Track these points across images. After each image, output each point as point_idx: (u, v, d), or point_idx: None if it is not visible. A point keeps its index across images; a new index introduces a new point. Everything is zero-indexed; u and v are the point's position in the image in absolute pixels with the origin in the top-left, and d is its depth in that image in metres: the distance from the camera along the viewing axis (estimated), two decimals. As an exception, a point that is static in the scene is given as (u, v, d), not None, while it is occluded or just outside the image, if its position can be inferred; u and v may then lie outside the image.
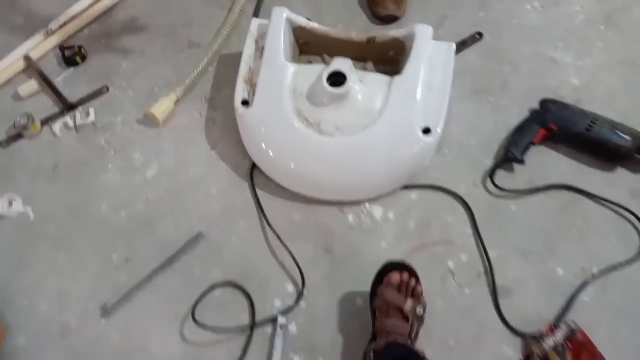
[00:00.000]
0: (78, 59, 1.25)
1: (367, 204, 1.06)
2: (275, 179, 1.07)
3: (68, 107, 1.21)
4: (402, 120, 1.01)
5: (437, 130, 1.02)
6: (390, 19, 1.24)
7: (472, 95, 1.15)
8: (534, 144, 1.06)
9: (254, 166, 1.10)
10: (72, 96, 1.23)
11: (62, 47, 1.26)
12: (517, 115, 1.12)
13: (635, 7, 1.21)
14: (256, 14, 1.29)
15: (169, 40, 1.29)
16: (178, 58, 1.26)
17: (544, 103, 1.08)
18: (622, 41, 1.18)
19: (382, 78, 1.04)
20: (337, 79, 1.01)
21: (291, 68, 1.05)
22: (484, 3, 1.25)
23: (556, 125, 1.05)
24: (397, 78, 1.02)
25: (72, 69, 1.27)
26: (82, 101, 1.22)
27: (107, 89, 1.23)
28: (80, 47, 1.26)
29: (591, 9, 1.22)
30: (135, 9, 1.33)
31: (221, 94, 1.21)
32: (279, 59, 1.05)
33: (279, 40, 1.07)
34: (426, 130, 1.02)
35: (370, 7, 1.26)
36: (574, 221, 1.02)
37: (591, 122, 1.03)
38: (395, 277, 0.89)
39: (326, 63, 1.15)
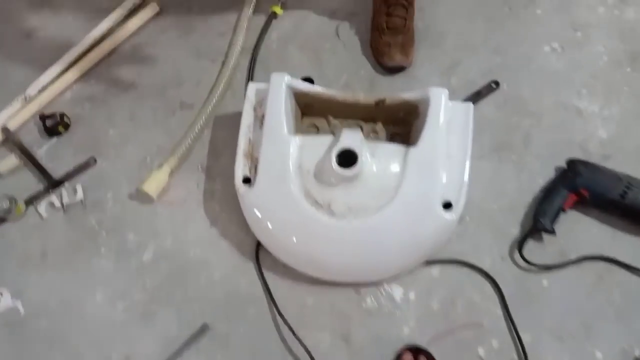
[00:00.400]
0: (61, 128, 1.15)
1: (385, 284, 0.98)
2: (284, 261, 0.98)
3: (53, 184, 1.11)
4: (420, 197, 0.92)
5: (459, 204, 0.93)
6: (397, 70, 1.14)
7: (492, 153, 1.06)
8: (564, 211, 0.97)
9: (259, 244, 1.02)
10: (56, 170, 1.13)
11: (42, 117, 1.15)
12: (542, 174, 1.03)
13: (663, 45, 1.12)
14: (251, 73, 1.18)
15: (159, 102, 1.18)
16: (170, 121, 1.16)
17: (572, 164, 0.99)
18: (650, 85, 1.09)
19: (396, 149, 0.95)
20: (347, 155, 0.92)
21: (296, 142, 0.96)
22: (499, 47, 1.15)
23: (588, 191, 0.96)
24: (412, 150, 0.93)
25: (55, 140, 1.16)
26: (69, 176, 1.12)
27: (95, 160, 1.14)
28: (62, 115, 1.16)
29: (615, 49, 1.12)
30: (120, 68, 1.23)
31: (219, 161, 1.11)
32: (281, 133, 0.96)
33: (280, 111, 0.97)
34: (447, 205, 0.93)
35: (376, 57, 1.16)
36: (611, 296, 0.94)
37: (626, 187, 0.94)
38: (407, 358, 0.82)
39: (332, 126, 1.06)
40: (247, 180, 0.98)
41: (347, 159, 0.92)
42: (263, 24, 1.22)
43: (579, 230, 0.99)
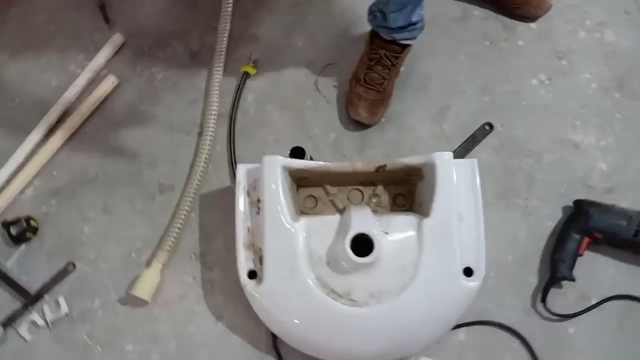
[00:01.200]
0: (29, 234, 1.03)
1: (412, 358, 0.94)
2: (307, 353, 0.92)
3: (31, 299, 0.99)
4: (440, 269, 0.87)
5: (480, 268, 0.89)
6: (364, 125, 1.09)
7: (497, 201, 1.03)
8: (580, 255, 0.96)
9: (275, 336, 0.95)
10: (32, 283, 1.01)
11: (5, 224, 1.02)
12: (551, 217, 1.01)
13: (645, 64, 1.12)
14: (232, 143, 1.09)
15: (134, 188, 1.08)
16: (150, 208, 1.06)
17: (580, 205, 0.98)
18: (640, 108, 1.08)
19: (408, 221, 0.89)
20: (360, 238, 0.86)
21: (301, 228, 0.89)
22: (486, 85, 1.11)
23: (601, 234, 0.94)
24: (427, 222, 0.88)
25: (23, 247, 1.04)
26: (47, 288, 1.01)
27: (74, 265, 1.02)
28: (28, 219, 1.03)
29: (601, 74, 1.11)
30: (82, 154, 1.10)
31: (213, 246, 1.03)
32: (284, 221, 0.88)
33: (279, 198, 0.89)
34: (467, 271, 0.89)
35: (346, 105, 1.10)
36: (637, 335, 0.94)
37: (638, 225, 0.93)
38: None
39: (330, 195, 1.00)
40: (252, 274, 0.91)
41: (361, 242, 0.86)
42: (236, 86, 1.13)
43: (596, 271, 0.97)
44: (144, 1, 1.24)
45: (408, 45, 1.06)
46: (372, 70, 1.06)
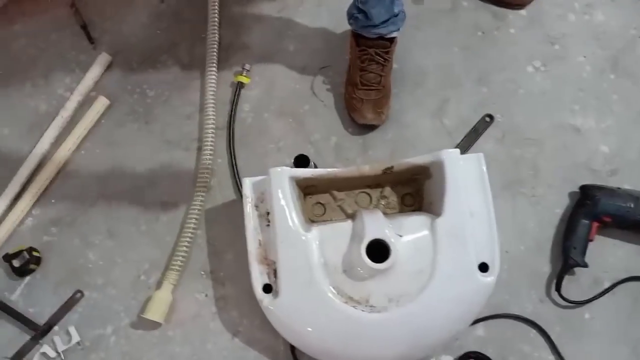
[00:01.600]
0: (32, 265, 1.00)
1: (433, 357, 0.94)
2: (327, 361, 0.92)
3: (41, 331, 0.97)
4: (457, 267, 0.87)
5: (495, 263, 0.88)
6: (369, 128, 1.08)
7: (504, 191, 1.03)
8: (591, 240, 0.96)
9: (293, 347, 0.94)
10: (40, 315, 0.99)
11: (7, 257, 1.00)
12: (558, 204, 1.02)
13: (636, 43, 1.12)
14: (233, 155, 1.07)
15: (137, 209, 1.05)
16: (155, 228, 1.04)
17: (586, 190, 0.98)
18: (636, 88, 1.08)
19: (421, 221, 0.89)
20: (375, 243, 0.85)
21: (314, 238, 0.87)
22: (483, 75, 1.11)
23: (610, 217, 0.95)
24: (439, 221, 0.87)
25: (28, 279, 1.01)
26: (56, 318, 0.98)
27: (82, 293, 1.00)
28: (30, 250, 1.00)
29: (595, 56, 1.11)
30: (80, 178, 1.08)
31: (223, 262, 1.01)
32: (297, 232, 0.87)
33: (290, 209, 0.88)
34: (483, 266, 0.89)
35: (349, 112, 1.09)
36: (652, 314, 0.95)
37: (646, 205, 0.94)
38: None
39: (338, 201, 0.99)
40: (267, 287, 0.90)
41: (376, 247, 0.85)
42: (231, 96, 1.11)
43: (606, 255, 0.98)
44: (127, 17, 1.20)
45: (395, 37, 1.05)
46: (367, 71, 1.05)
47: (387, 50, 1.05)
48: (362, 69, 1.05)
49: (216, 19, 1.15)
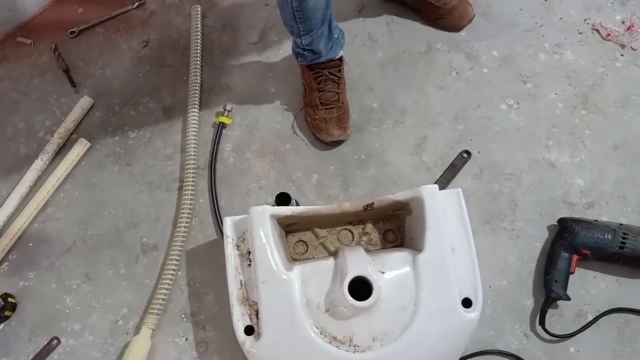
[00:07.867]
0: (7, 312, 0.98)
1: (421, 397, 0.92)
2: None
3: (13, 383, 0.93)
4: (440, 304, 0.86)
5: (478, 298, 0.88)
6: (337, 144, 1.11)
7: (484, 226, 1.04)
8: (572, 273, 0.97)
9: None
10: (14, 365, 0.95)
11: (-20, 304, 0.97)
12: (538, 237, 1.03)
13: (604, 80, 1.16)
14: (214, 195, 1.07)
15: (116, 252, 1.04)
16: (134, 270, 1.03)
17: (565, 223, 0.99)
18: (606, 122, 1.12)
19: (402, 257, 0.88)
20: (357, 281, 0.84)
21: (296, 277, 0.87)
22: (459, 114, 1.14)
23: (589, 250, 0.96)
24: (421, 257, 0.87)
25: (2, 327, 0.98)
26: (30, 368, 0.95)
27: (58, 340, 0.97)
28: (6, 296, 0.98)
29: (566, 94, 1.15)
30: (57, 222, 1.07)
31: (204, 304, 0.99)
32: (278, 272, 0.86)
33: (271, 249, 0.87)
34: (466, 302, 0.88)
35: (314, 132, 1.12)
36: (636, 345, 0.94)
37: (622, 237, 0.95)
38: None
39: (320, 238, 0.99)
40: (249, 329, 0.88)
41: (359, 285, 0.84)
42: (213, 137, 1.12)
43: (588, 287, 0.99)
44: (110, 62, 1.22)
45: (341, 56, 1.09)
46: (325, 91, 1.09)
47: (339, 68, 1.09)
48: (320, 90, 1.09)
49: (198, 62, 1.18)
